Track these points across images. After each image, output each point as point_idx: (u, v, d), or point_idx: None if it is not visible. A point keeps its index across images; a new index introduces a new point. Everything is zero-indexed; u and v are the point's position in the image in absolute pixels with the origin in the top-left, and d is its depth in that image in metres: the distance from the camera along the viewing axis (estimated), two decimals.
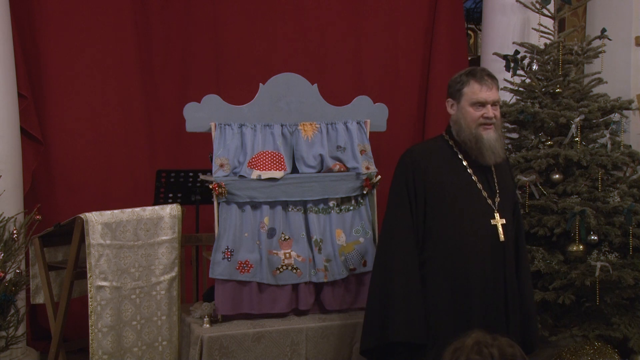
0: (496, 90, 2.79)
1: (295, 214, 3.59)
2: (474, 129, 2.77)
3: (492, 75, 2.83)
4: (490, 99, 2.76)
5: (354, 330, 3.49)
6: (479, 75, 2.78)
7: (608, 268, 3.63)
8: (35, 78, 4.59)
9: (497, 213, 2.78)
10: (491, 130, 2.77)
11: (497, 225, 2.77)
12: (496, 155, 2.78)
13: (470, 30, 6.86)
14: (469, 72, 2.83)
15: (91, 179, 4.73)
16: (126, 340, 3.42)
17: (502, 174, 2.89)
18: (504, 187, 2.86)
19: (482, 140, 2.76)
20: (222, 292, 3.43)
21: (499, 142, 2.79)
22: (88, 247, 3.29)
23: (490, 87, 2.76)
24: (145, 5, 4.86)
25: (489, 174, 2.84)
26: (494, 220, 2.77)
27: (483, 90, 2.76)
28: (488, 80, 2.77)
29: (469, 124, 2.78)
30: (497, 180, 2.85)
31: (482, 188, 2.80)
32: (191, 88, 4.89)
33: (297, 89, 3.65)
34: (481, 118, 2.76)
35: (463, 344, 1.62)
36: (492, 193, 2.81)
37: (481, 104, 2.76)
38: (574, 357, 3.65)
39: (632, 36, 4.90)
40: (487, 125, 2.76)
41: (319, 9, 5.19)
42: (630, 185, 3.96)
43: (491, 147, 2.76)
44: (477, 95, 2.76)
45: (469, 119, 2.78)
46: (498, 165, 2.87)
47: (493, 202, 2.80)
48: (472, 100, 2.77)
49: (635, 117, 4.75)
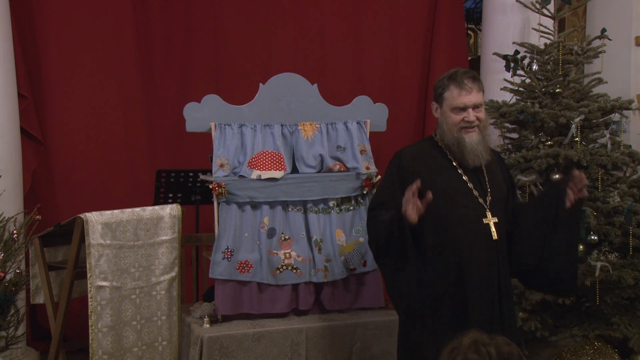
0: (477, 93, 2.76)
1: (295, 214, 3.59)
2: (455, 132, 2.77)
3: (474, 76, 2.80)
4: (470, 103, 2.75)
5: (354, 330, 3.49)
6: (459, 79, 2.76)
7: (608, 268, 3.63)
8: (35, 78, 4.59)
9: (488, 212, 2.77)
10: (474, 132, 2.76)
11: (489, 224, 2.76)
12: (479, 157, 2.78)
13: (470, 30, 6.86)
14: (450, 75, 2.81)
15: (91, 179, 4.73)
16: (126, 340, 3.42)
17: (493, 173, 2.89)
18: (495, 185, 2.86)
19: (464, 144, 2.76)
20: (222, 292, 3.43)
21: (483, 144, 2.78)
22: (88, 247, 3.29)
23: (469, 90, 2.74)
24: (145, 5, 4.87)
25: (479, 173, 2.84)
26: (485, 219, 2.76)
27: (462, 95, 2.74)
28: (467, 83, 2.75)
29: (450, 127, 2.78)
30: (488, 179, 2.84)
31: (472, 187, 2.80)
32: (191, 88, 4.89)
33: (297, 89, 3.65)
34: (462, 122, 2.76)
35: (460, 343, 1.62)
36: (484, 192, 2.81)
37: (461, 108, 2.76)
38: (574, 357, 3.65)
39: (632, 36, 4.90)
40: (468, 128, 2.76)
41: (319, 9, 5.19)
42: (630, 185, 3.96)
43: (473, 150, 2.76)
44: (456, 100, 2.75)
45: (450, 123, 2.78)
46: (489, 164, 2.87)
47: (484, 201, 2.79)
48: (452, 105, 2.77)
49: (635, 117, 4.75)
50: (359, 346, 3.50)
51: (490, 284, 2.75)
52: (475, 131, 2.77)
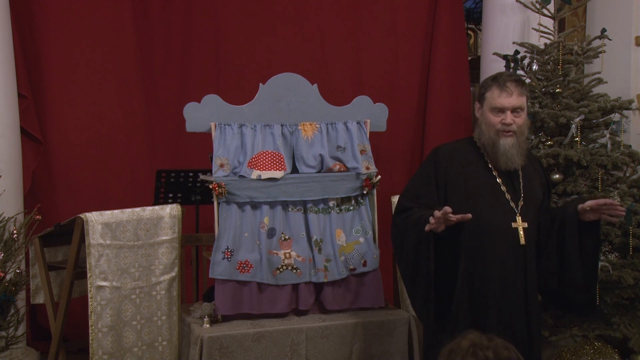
0: (518, 96, 2.76)
1: (295, 214, 3.59)
2: (492, 134, 2.77)
3: (518, 80, 2.80)
4: (509, 105, 2.75)
5: (354, 330, 3.49)
6: (501, 81, 2.77)
7: (608, 268, 3.63)
8: (35, 78, 4.59)
9: (519, 216, 2.76)
10: (510, 137, 2.76)
11: (518, 229, 2.75)
12: (512, 161, 2.77)
13: (470, 30, 6.85)
14: (494, 77, 2.83)
15: (91, 179, 4.72)
16: (126, 340, 3.42)
17: (530, 178, 2.88)
18: (530, 191, 2.85)
19: (498, 146, 2.76)
20: (222, 292, 3.43)
21: (517, 149, 2.77)
22: (88, 247, 3.29)
23: (510, 93, 2.74)
24: (145, 5, 4.86)
25: (514, 177, 2.83)
26: (515, 223, 2.75)
27: (502, 96, 2.75)
28: (509, 86, 2.75)
29: (488, 128, 2.79)
30: (523, 184, 2.84)
31: (505, 191, 2.79)
32: (191, 88, 4.89)
33: (297, 89, 3.65)
34: (500, 124, 2.76)
35: (458, 345, 1.62)
36: (516, 196, 2.80)
37: (500, 109, 2.76)
38: (574, 357, 3.65)
39: (632, 36, 4.90)
40: (505, 132, 2.76)
41: (319, 9, 5.19)
42: (630, 185, 3.96)
43: (506, 153, 2.76)
44: (495, 100, 2.76)
45: (488, 123, 2.79)
46: (527, 169, 2.86)
47: (516, 205, 2.78)
48: (491, 106, 2.77)
49: (635, 117, 4.75)
50: (359, 346, 3.50)
51: (514, 290, 2.74)
52: (512, 135, 2.76)
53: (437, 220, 2.57)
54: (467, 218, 2.59)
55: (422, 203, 2.80)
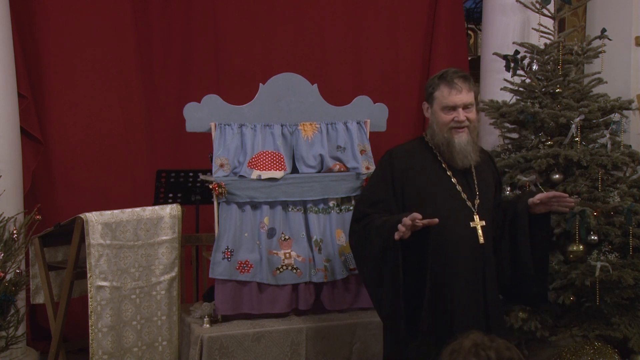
0: (467, 92, 2.75)
1: (295, 214, 3.59)
2: (445, 132, 2.75)
3: (465, 76, 2.78)
4: (460, 103, 2.73)
5: (354, 330, 3.49)
6: (449, 79, 2.75)
7: (608, 268, 3.63)
8: (35, 78, 4.59)
9: (476, 215, 2.75)
10: (463, 133, 2.75)
11: (476, 228, 2.73)
12: (468, 158, 2.76)
13: (470, 30, 6.86)
14: (440, 75, 2.81)
15: (91, 179, 4.73)
16: (126, 340, 3.42)
17: (483, 175, 2.86)
18: (484, 188, 2.83)
19: (453, 144, 2.74)
20: (222, 292, 3.43)
21: (472, 145, 2.76)
22: (88, 247, 3.29)
23: (460, 90, 2.73)
24: (146, 5, 4.87)
25: (469, 175, 2.82)
26: (473, 222, 2.74)
27: (452, 94, 2.73)
28: (458, 83, 2.73)
29: (440, 127, 2.77)
30: (477, 182, 2.82)
31: (461, 190, 2.77)
32: (191, 88, 4.89)
33: (297, 89, 3.65)
34: (452, 122, 2.74)
35: (461, 345, 1.62)
36: (472, 195, 2.78)
37: (451, 107, 2.74)
38: (574, 357, 3.65)
39: (632, 36, 4.90)
40: (458, 128, 2.74)
41: (319, 9, 5.19)
42: (630, 185, 3.95)
43: (462, 150, 2.74)
44: (446, 99, 2.74)
45: (440, 122, 2.77)
46: (479, 166, 2.85)
47: (473, 204, 2.76)
48: (442, 105, 2.76)
49: (635, 117, 4.75)
50: (359, 346, 3.50)
51: (475, 289, 2.73)
52: (465, 132, 2.75)
53: (407, 227, 2.52)
54: (434, 222, 2.55)
55: (381, 208, 2.76)
